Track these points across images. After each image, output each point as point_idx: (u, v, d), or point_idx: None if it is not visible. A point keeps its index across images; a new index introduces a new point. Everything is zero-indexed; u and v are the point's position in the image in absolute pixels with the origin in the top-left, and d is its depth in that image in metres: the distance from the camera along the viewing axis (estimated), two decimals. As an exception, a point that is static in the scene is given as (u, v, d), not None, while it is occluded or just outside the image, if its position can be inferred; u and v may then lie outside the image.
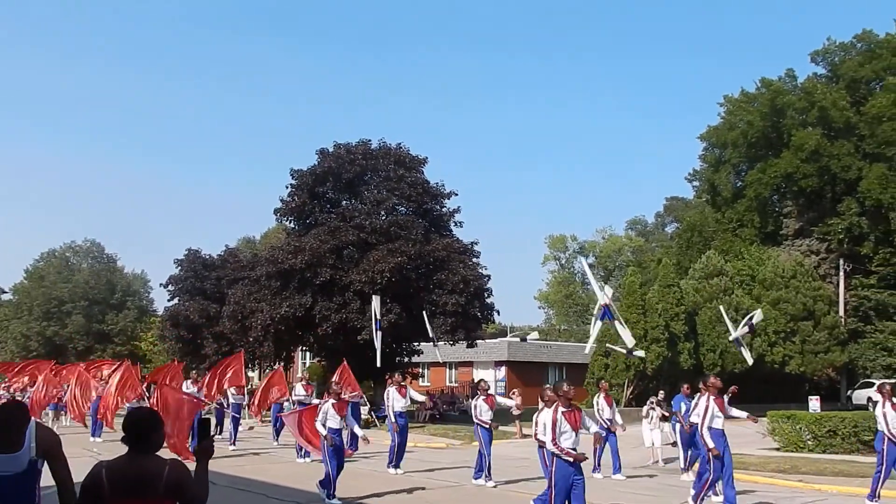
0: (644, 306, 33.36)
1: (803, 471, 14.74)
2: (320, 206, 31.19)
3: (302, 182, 30.55)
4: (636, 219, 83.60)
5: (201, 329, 38.45)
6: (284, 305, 27.06)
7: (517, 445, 22.26)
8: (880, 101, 40.37)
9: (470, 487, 12.37)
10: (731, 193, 48.04)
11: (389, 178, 30.23)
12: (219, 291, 37.98)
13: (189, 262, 40.53)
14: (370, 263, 26.67)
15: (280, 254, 28.23)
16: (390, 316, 26.25)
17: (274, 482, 12.67)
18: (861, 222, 40.97)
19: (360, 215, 28.99)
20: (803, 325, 37.16)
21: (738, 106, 47.86)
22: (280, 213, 31.51)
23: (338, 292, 27.28)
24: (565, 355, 46.74)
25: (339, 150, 30.80)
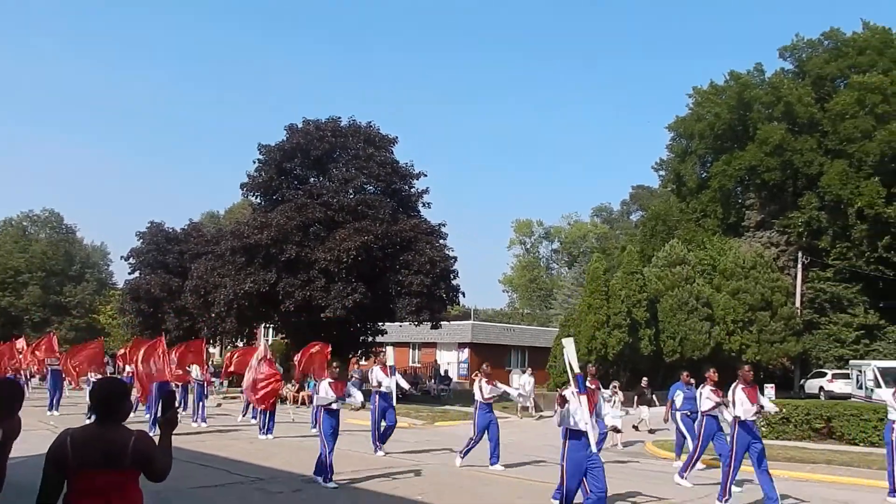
0: (607, 292, 33.73)
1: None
2: (287, 183, 30.87)
3: (269, 157, 30.21)
4: (602, 206, 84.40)
5: (162, 303, 37.92)
6: (248, 281, 26.80)
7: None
8: (844, 99, 41.11)
9: (470, 470, 12.24)
10: (695, 184, 48.70)
11: (358, 157, 30.02)
12: (181, 265, 37.44)
13: (151, 235, 39.85)
14: (336, 242, 26.51)
15: (245, 229, 27.91)
16: (355, 295, 26.17)
17: (237, 458, 12.62)
18: (820, 217, 41.83)
19: (328, 193, 28.78)
20: (761, 315, 37.94)
21: (706, 98, 48.40)
22: (246, 187, 31.13)
23: (303, 269, 27.09)
24: (528, 338, 47.14)
25: (308, 126, 30.49)
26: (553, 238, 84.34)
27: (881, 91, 39.84)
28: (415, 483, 10.69)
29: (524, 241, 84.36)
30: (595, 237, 77.10)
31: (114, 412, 3.61)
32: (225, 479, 10.52)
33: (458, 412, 25.26)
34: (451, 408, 26.53)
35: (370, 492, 9.97)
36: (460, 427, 21.81)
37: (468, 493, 10.33)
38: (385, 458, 13.33)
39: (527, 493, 10.21)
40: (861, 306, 40.73)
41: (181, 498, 9.17)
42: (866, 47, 44.01)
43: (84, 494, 3.46)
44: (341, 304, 25.93)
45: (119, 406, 3.65)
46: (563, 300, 62.26)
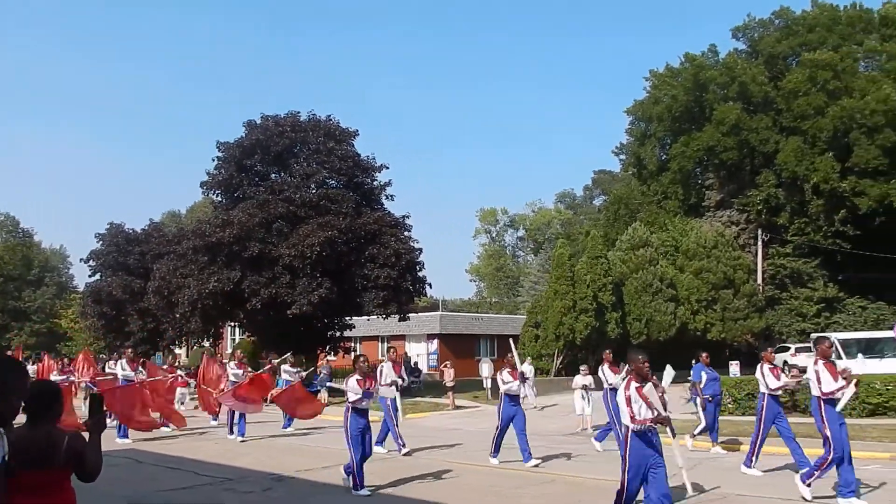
0: (573, 277, 33.97)
1: (724, 433, 15.30)
2: (248, 179, 30.50)
3: (229, 155, 29.79)
4: (565, 192, 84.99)
5: (125, 305, 37.36)
6: (212, 280, 26.44)
7: (451, 417, 22.49)
8: (796, 77, 41.80)
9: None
10: (656, 166, 49.23)
11: (319, 151, 29.73)
12: (143, 267, 36.89)
13: (111, 237, 39.19)
14: (300, 237, 26.26)
15: (207, 227, 27.53)
16: (321, 290, 25.99)
17: (205, 459, 12.49)
18: (778, 194, 42.57)
19: (290, 188, 28.49)
20: (724, 294, 38.54)
21: (662, 80, 48.90)
22: (207, 186, 30.69)
23: (267, 266, 26.81)
24: (496, 327, 47.30)
25: (267, 122, 30.12)
26: (518, 226, 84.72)
27: (831, 67, 40.58)
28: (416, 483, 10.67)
29: (489, 229, 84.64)
30: (559, 223, 77.61)
31: (45, 412, 3.71)
32: (194, 481, 10.40)
33: (428, 403, 25.31)
34: (421, 399, 26.55)
35: (342, 487, 9.90)
36: (431, 418, 21.88)
37: (438, 483, 10.32)
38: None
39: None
40: (820, 280, 41.60)
41: (149, 501, 9.05)
42: (815, 25, 44.81)
43: (19, 494, 3.51)
44: (307, 300, 25.72)
45: (50, 406, 3.76)
46: (530, 287, 62.61)
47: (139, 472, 11.55)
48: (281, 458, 12.68)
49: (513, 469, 11.12)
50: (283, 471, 11.14)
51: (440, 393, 27.14)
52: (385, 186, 31.19)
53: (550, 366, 34.39)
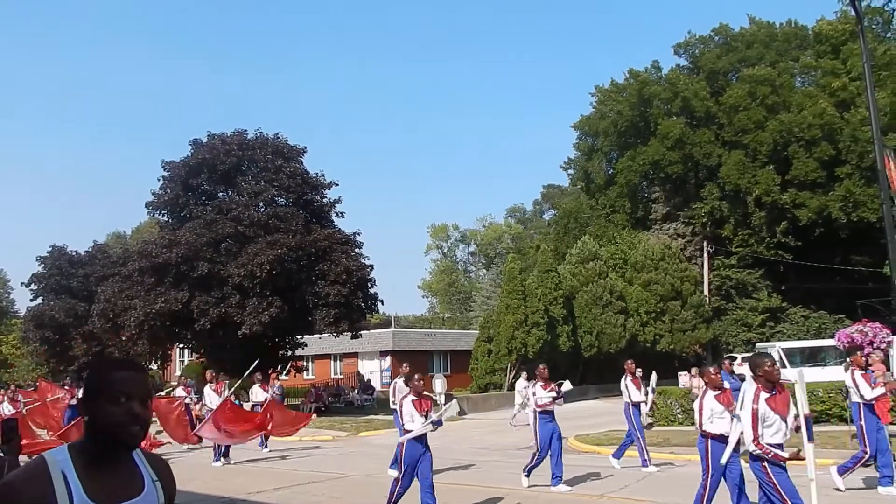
0: (524, 292, 34.20)
1: (675, 443, 15.54)
2: (195, 199, 30.10)
3: (175, 174, 29.37)
4: (515, 207, 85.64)
5: (69, 329, 36.45)
6: (159, 301, 25.98)
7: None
8: (736, 92, 42.99)
9: None
10: (603, 180, 50.01)
11: (267, 169, 29.53)
12: (87, 289, 36.07)
13: (53, 259, 38.27)
14: (249, 256, 25.98)
15: (153, 248, 27.05)
16: (272, 310, 25.70)
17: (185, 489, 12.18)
18: (722, 206, 43.58)
19: (238, 207, 28.18)
20: (672, 305, 39.24)
21: (608, 96, 49.78)
22: (152, 206, 30.18)
23: (216, 286, 26.45)
24: (449, 342, 47.26)
25: (213, 140, 29.80)
26: (469, 241, 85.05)
27: (770, 83, 41.85)
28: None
29: (441, 245, 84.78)
30: (510, 238, 78.13)
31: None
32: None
33: (382, 421, 25.10)
34: (375, 417, 26.35)
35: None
36: (385, 436, 21.71)
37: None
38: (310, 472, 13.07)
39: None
40: (765, 290, 42.64)
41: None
42: (753, 41, 46.25)
43: None
44: (258, 320, 25.41)
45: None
46: (483, 302, 62.79)
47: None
48: (231, 480, 12.45)
49: (466, 485, 11.08)
50: (233, 494, 10.93)
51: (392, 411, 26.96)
52: (335, 203, 31.09)
53: (503, 380, 34.49)
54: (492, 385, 35.25)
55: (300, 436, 20.11)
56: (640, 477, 11.40)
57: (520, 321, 33.42)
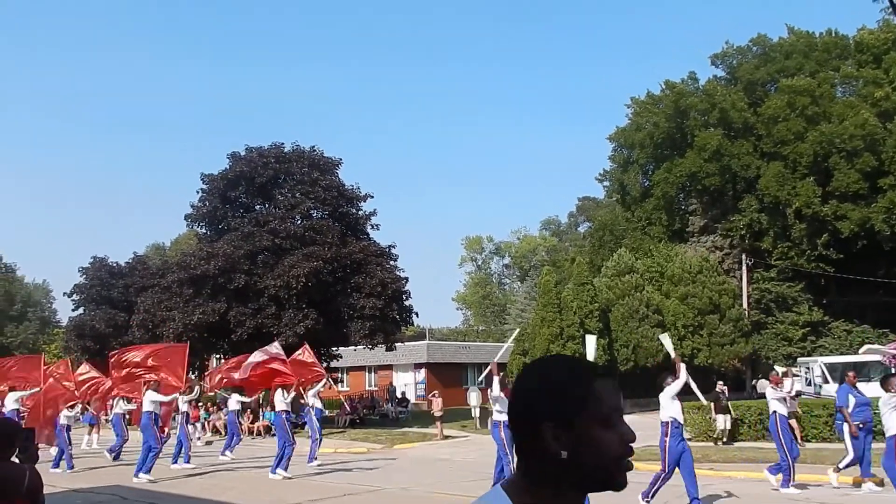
0: (559, 304, 33.99)
1: (714, 459, 15.27)
2: (233, 211, 30.48)
3: (213, 187, 29.79)
4: (550, 219, 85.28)
5: (109, 339, 36.99)
6: (197, 312, 26.30)
7: (440, 447, 22.28)
8: (775, 103, 42.38)
9: None
10: (639, 193, 49.57)
11: (303, 182, 29.79)
12: (127, 300, 36.66)
13: (95, 271, 38.97)
14: (285, 268, 26.22)
15: (192, 260, 27.44)
16: (307, 321, 25.87)
17: (189, 494, 12.29)
18: (761, 218, 42.91)
19: (275, 220, 28.46)
20: (710, 319, 38.64)
21: (644, 107, 49.42)
22: (191, 218, 30.65)
23: (252, 298, 26.72)
24: (484, 355, 47.07)
25: (251, 153, 30.17)
26: (503, 253, 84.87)
27: (809, 93, 41.21)
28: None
29: (475, 257, 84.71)
30: (545, 250, 77.78)
31: (7, 449, 3.90)
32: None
33: (417, 434, 25.09)
34: (409, 430, 26.34)
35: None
36: (420, 449, 21.69)
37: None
38: (346, 484, 13.08)
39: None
40: (805, 304, 41.81)
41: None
42: (792, 51, 45.60)
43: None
44: (293, 332, 25.58)
45: (11, 443, 3.94)
46: (517, 315, 62.54)
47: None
48: (268, 491, 12.50)
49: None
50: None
51: (428, 423, 26.95)
52: (370, 216, 31.24)
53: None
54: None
55: (335, 448, 20.19)
56: (678, 493, 11.20)
57: (555, 334, 33.20)
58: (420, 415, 32.53)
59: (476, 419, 27.45)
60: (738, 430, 19.34)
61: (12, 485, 3.81)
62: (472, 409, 27.87)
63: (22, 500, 3.84)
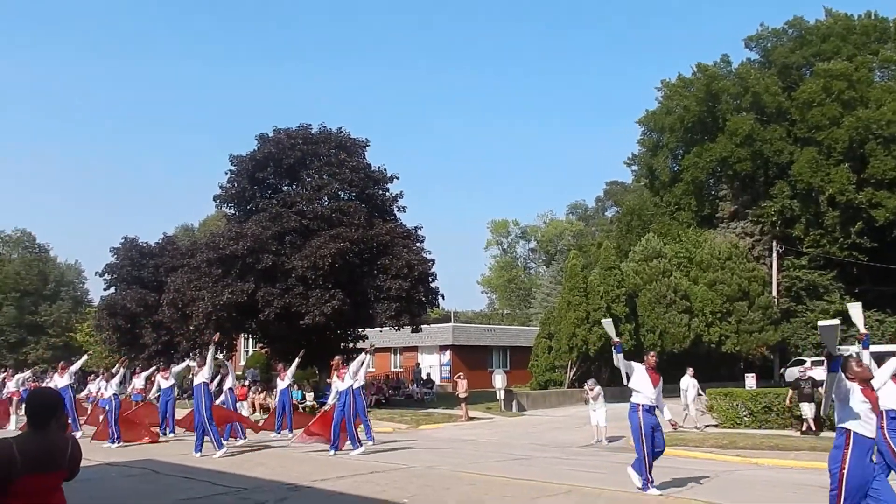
0: (586, 289, 33.84)
1: (741, 445, 15.18)
2: (261, 192, 30.68)
3: (241, 168, 29.98)
4: (577, 203, 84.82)
5: (139, 318, 37.55)
6: (226, 292, 26.54)
7: (465, 428, 22.40)
8: (810, 87, 41.63)
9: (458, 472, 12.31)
10: (668, 177, 49.05)
11: (331, 163, 29.86)
12: (157, 280, 37.10)
13: (125, 251, 39.46)
14: (312, 249, 26.38)
15: (221, 240, 27.68)
16: (334, 302, 26.03)
17: (220, 469, 12.47)
18: (792, 205, 42.28)
19: (302, 201, 28.60)
20: (738, 306, 38.24)
21: (675, 91, 48.79)
22: (219, 199, 30.88)
23: (280, 278, 26.93)
24: (509, 339, 47.18)
25: (279, 134, 30.30)
26: (529, 237, 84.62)
27: (846, 77, 40.39)
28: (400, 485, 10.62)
29: (501, 241, 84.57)
30: (571, 235, 77.41)
31: (50, 419, 3.95)
32: (208, 491, 10.37)
33: (441, 415, 25.23)
34: (434, 411, 26.47)
35: (358, 497, 9.85)
36: (446, 429, 21.81)
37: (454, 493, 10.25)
38: (373, 462, 13.20)
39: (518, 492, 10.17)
40: (837, 293, 41.22)
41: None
42: (829, 34, 44.68)
43: (24, 496, 3.74)
44: (320, 311, 25.77)
45: (55, 413, 4.00)
46: (543, 299, 62.43)
47: (155, 482, 11.56)
48: (296, 467, 12.64)
49: (527, 480, 11.03)
50: (298, 480, 11.09)
51: (453, 404, 27.07)
52: (397, 198, 31.28)
53: (564, 377, 34.23)
54: (551, 382, 35.02)
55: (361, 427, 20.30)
56: (705, 479, 11.15)
57: (581, 318, 33.08)
58: (445, 396, 32.68)
59: (501, 401, 27.53)
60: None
61: (61, 454, 3.93)
62: (496, 391, 27.95)
63: (64, 470, 3.97)
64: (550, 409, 29.24)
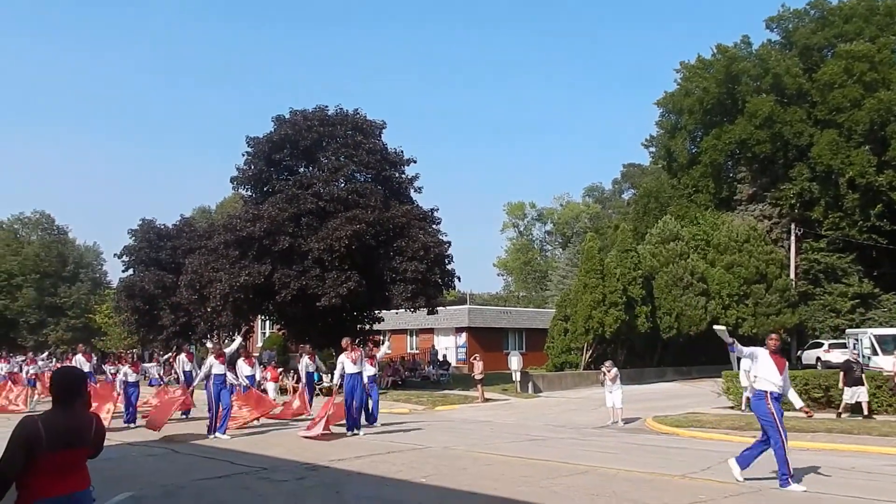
0: (602, 271, 33.76)
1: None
2: (277, 174, 30.73)
3: (258, 150, 30.03)
4: (593, 185, 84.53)
5: (157, 300, 37.91)
6: (243, 274, 26.69)
7: (481, 409, 22.50)
8: (832, 69, 41.08)
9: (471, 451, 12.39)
10: (686, 159, 48.68)
11: (347, 145, 29.86)
12: (174, 261, 37.42)
13: (143, 233, 39.79)
14: (329, 231, 26.43)
15: (238, 222, 27.79)
16: (350, 283, 26.12)
17: (240, 449, 12.62)
18: (812, 187, 41.90)
19: (318, 183, 28.64)
20: (756, 288, 38.05)
21: (694, 72, 48.31)
22: (237, 181, 30.98)
23: (297, 260, 27.02)
24: (524, 321, 47.20)
25: (295, 116, 30.30)
26: (546, 220, 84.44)
27: (868, 59, 39.83)
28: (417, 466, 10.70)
29: (517, 223, 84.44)
30: (588, 217, 77.17)
31: (75, 397, 4.04)
32: (228, 471, 10.50)
33: (457, 396, 25.34)
34: (450, 392, 26.60)
35: (375, 476, 9.95)
36: (462, 410, 21.92)
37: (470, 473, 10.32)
38: (389, 442, 13.31)
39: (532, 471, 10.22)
40: (855, 275, 40.91)
41: (185, 490, 9.17)
42: (852, 15, 43.98)
43: (49, 472, 3.82)
44: (336, 293, 25.87)
45: (80, 391, 4.10)
46: (559, 281, 62.36)
47: (176, 462, 11.71)
48: (313, 447, 12.76)
49: (543, 460, 11.08)
50: (316, 460, 11.20)
51: (469, 386, 27.16)
52: (413, 180, 31.26)
53: (579, 359, 34.25)
54: (567, 364, 35.04)
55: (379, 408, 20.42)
56: (722, 459, 11.15)
57: (598, 301, 33.03)
58: (461, 378, 32.80)
59: (516, 383, 27.61)
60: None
61: (86, 432, 4.00)
62: (512, 373, 28.02)
63: (88, 447, 4.04)
64: (566, 390, 29.29)
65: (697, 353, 38.33)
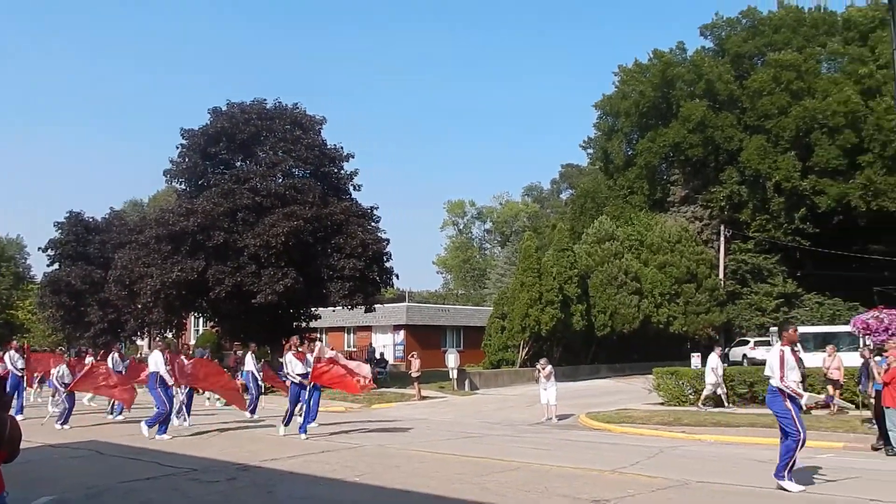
0: (539, 270, 34.17)
1: (685, 422, 15.55)
2: (213, 168, 30.12)
3: (193, 142, 29.35)
4: (532, 185, 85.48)
5: (84, 296, 36.78)
6: (176, 270, 26.07)
7: (417, 407, 22.51)
8: (761, 76, 42.45)
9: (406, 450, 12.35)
10: (622, 161, 49.66)
11: (285, 140, 29.46)
12: (103, 256, 36.37)
13: (70, 226, 38.54)
14: (265, 227, 26.06)
15: (170, 216, 27.13)
16: (286, 280, 25.80)
17: (168, 451, 12.33)
18: (741, 190, 43.23)
19: (255, 177, 28.17)
20: (686, 288, 39.12)
21: (631, 76, 49.27)
22: (170, 174, 30.19)
23: (232, 256, 26.54)
24: (462, 319, 47.40)
25: (232, 109, 29.75)
26: (485, 218, 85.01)
27: (795, 68, 41.26)
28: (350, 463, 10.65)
29: (457, 221, 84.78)
30: (526, 216, 77.97)
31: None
32: (157, 472, 10.25)
33: (394, 394, 25.30)
34: (387, 390, 26.52)
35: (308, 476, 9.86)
36: (398, 408, 21.89)
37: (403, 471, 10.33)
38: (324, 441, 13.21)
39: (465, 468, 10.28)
40: (780, 276, 42.38)
41: (110, 492, 8.90)
42: (781, 25, 45.53)
43: None
44: (272, 290, 25.53)
45: None
46: (497, 279, 62.83)
47: (101, 463, 11.37)
48: (247, 447, 12.58)
49: (477, 457, 11.16)
50: (248, 460, 11.03)
51: (406, 383, 27.16)
52: (352, 176, 31.05)
53: (516, 357, 34.59)
54: (504, 361, 35.36)
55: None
56: (651, 454, 11.42)
57: (534, 299, 33.42)
58: (398, 376, 32.75)
59: (454, 380, 27.73)
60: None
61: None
62: (449, 370, 28.12)
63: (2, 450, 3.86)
64: (503, 387, 29.56)
65: (630, 351, 39.21)
